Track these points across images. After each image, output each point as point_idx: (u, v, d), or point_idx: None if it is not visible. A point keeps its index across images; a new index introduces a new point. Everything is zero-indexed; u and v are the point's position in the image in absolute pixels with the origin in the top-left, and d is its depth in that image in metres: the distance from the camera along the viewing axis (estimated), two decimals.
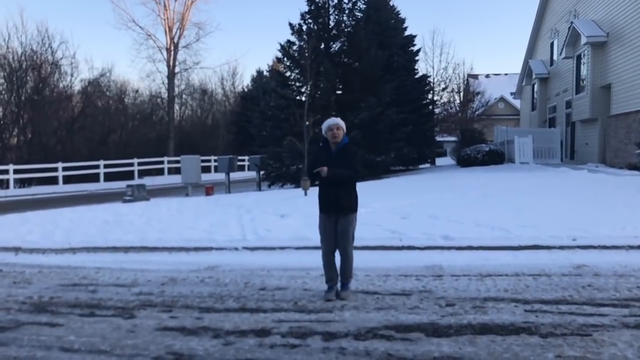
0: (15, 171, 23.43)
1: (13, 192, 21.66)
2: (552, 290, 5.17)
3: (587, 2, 19.53)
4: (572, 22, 19.53)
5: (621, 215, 8.10)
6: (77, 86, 33.45)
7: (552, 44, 24.53)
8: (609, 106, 17.28)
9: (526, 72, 27.76)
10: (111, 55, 76.07)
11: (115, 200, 15.04)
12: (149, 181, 23.80)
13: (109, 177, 27.05)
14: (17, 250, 8.21)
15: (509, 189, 11.43)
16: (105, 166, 27.13)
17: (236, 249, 7.55)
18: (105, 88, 35.47)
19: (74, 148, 29.88)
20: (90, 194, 20.76)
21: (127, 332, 4.33)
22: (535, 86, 26.65)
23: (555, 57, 23.82)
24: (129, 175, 28.19)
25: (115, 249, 7.93)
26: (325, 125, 5.21)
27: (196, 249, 7.62)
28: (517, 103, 36.91)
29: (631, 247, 6.76)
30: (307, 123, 13.95)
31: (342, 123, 5.20)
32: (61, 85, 31.71)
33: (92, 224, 9.65)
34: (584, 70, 19.02)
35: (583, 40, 18.26)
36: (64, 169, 25.12)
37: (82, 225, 9.54)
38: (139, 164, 29.67)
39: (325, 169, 4.99)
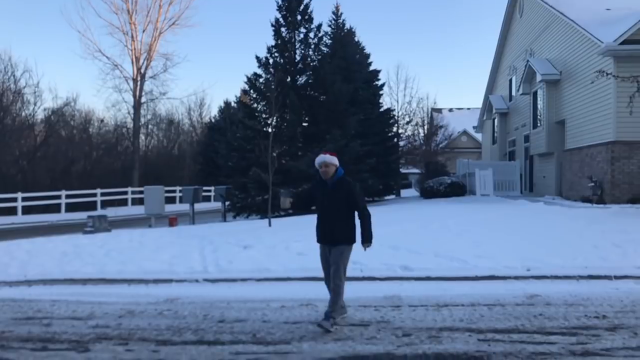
0: None
1: None
2: (505, 319, 5.32)
3: (541, 41, 20.48)
4: (528, 61, 20.42)
5: (573, 246, 8.41)
6: (40, 115, 32.99)
7: (510, 81, 25.52)
8: (564, 141, 17.98)
9: (487, 107, 28.68)
10: (76, 84, 75.29)
11: (76, 231, 14.72)
12: (112, 212, 23.42)
13: (70, 207, 26.50)
14: None
15: (468, 221, 11.71)
16: (67, 196, 26.58)
17: (197, 280, 7.50)
18: (69, 117, 35.04)
19: (35, 178, 29.20)
20: (51, 225, 20.24)
21: None
22: (496, 121, 27.54)
23: (513, 93, 24.75)
24: (91, 206, 27.67)
25: (72, 281, 7.77)
26: (317, 162, 5.36)
27: (156, 281, 7.54)
28: (479, 136, 37.97)
29: (581, 277, 7.02)
30: (273, 154, 14.03)
31: (330, 159, 5.28)
32: (23, 114, 31.23)
33: (50, 255, 9.43)
34: (540, 106, 19.80)
35: (538, 77, 19.07)
36: (24, 199, 24.46)
37: (39, 257, 9.31)
38: (102, 194, 29.15)
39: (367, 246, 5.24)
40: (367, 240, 5.23)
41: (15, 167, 29.01)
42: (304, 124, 21.26)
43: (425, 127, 35.35)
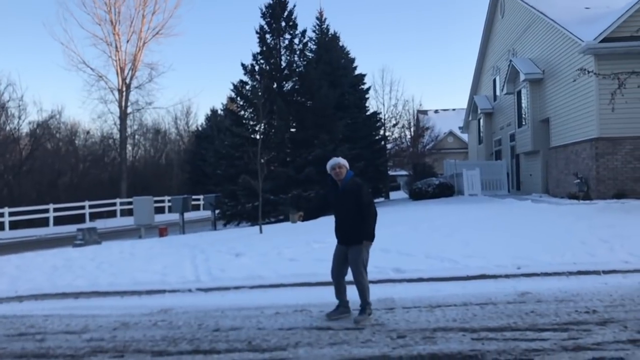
0: None
1: None
2: (497, 317, 5.39)
3: (523, 41, 20.72)
4: (511, 60, 20.64)
5: (561, 243, 8.51)
6: (25, 129, 32.75)
7: (494, 81, 25.75)
8: (549, 139, 18.18)
9: (472, 107, 28.89)
10: (61, 97, 74.76)
11: (65, 244, 14.63)
12: (101, 224, 23.25)
13: (59, 221, 26.29)
14: None
15: (457, 221, 11.80)
16: (55, 210, 26.36)
17: (190, 290, 7.50)
18: (55, 130, 34.82)
19: (22, 192, 28.96)
20: (39, 239, 20.06)
21: None
22: (481, 121, 27.75)
23: (498, 93, 24.97)
24: (80, 219, 27.45)
25: (64, 295, 7.73)
26: (328, 166, 5.74)
27: (149, 292, 7.52)
28: (465, 137, 38.20)
29: (571, 273, 7.12)
30: (262, 161, 14.05)
31: (343, 161, 5.71)
32: (8, 128, 30.98)
33: (41, 270, 9.37)
34: (524, 105, 20.01)
35: (522, 77, 19.28)
36: (11, 214, 24.25)
37: (29, 272, 9.25)
38: (91, 206, 28.94)
39: (367, 244, 5.55)
40: (366, 237, 5.48)
41: (1, 181, 28.76)
42: (292, 130, 21.30)
43: (412, 129, 35.44)
